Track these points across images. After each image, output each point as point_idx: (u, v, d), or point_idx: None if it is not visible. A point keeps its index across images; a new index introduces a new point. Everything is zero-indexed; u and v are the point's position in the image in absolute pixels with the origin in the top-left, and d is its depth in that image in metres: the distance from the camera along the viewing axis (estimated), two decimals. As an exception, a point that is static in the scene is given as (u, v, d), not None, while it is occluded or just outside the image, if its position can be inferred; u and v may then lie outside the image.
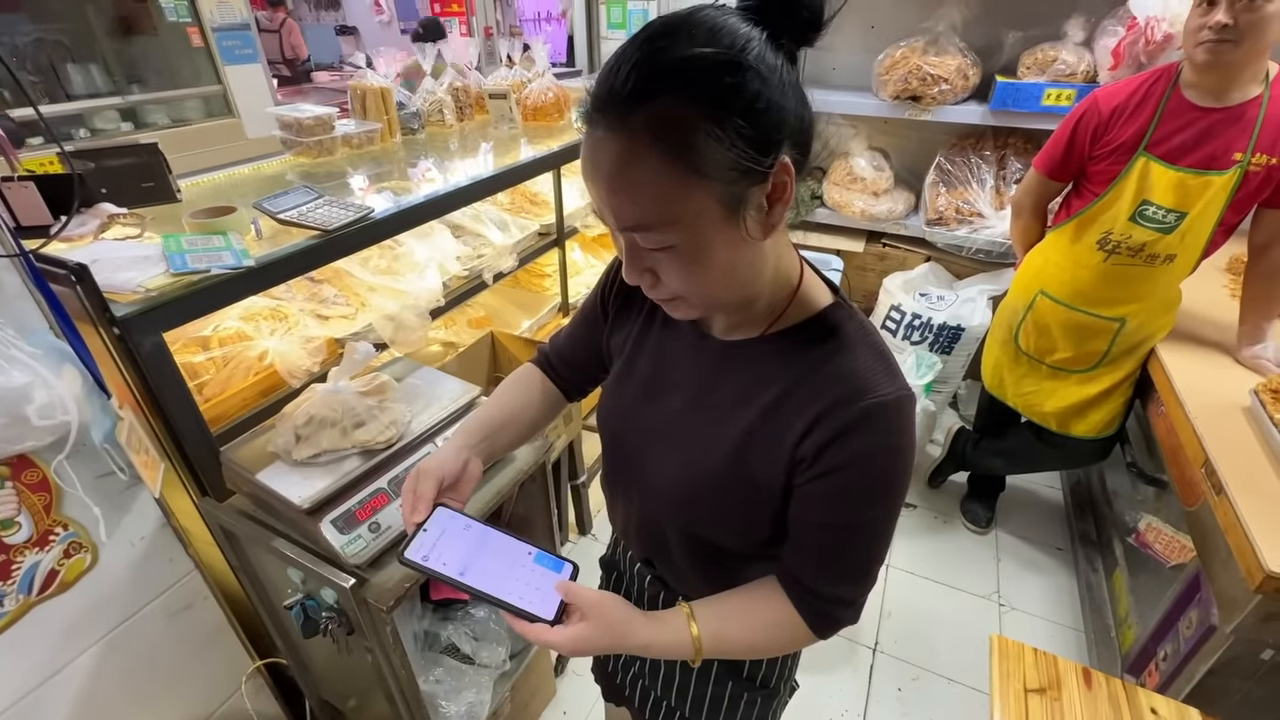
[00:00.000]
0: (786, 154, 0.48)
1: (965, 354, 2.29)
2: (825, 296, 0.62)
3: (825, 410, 0.55)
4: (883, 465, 0.57)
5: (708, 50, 0.44)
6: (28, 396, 0.73)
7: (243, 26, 3.51)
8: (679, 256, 0.50)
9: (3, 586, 0.83)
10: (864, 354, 0.58)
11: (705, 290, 0.53)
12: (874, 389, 0.55)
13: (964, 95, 2.19)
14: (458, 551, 0.60)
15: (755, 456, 0.60)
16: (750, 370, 0.62)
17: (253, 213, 1.24)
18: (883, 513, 0.59)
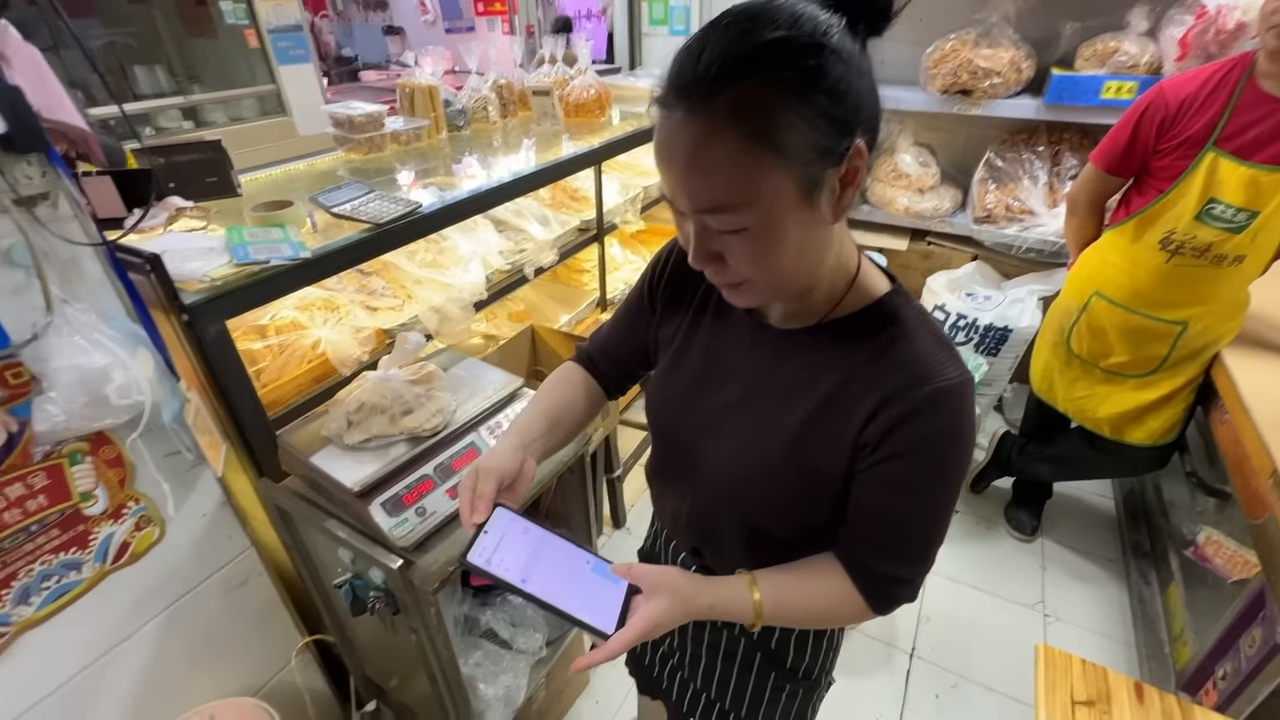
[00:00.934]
0: (861, 138, 0.49)
1: (1012, 356, 2.22)
2: (883, 284, 0.62)
3: (889, 396, 0.56)
4: (946, 449, 0.57)
5: (792, 33, 0.45)
6: (107, 377, 0.78)
7: (295, 28, 3.63)
8: (751, 239, 0.51)
9: (82, 555, 0.88)
10: (925, 339, 0.58)
11: (773, 274, 0.54)
12: (939, 374, 0.56)
13: (1017, 89, 2.11)
14: (518, 556, 0.59)
15: (815, 444, 0.60)
16: (809, 358, 0.62)
17: (309, 206, 1.29)
18: (944, 496, 0.60)
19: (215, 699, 1.12)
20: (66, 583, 0.88)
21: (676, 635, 0.87)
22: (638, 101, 2.47)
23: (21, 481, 0.80)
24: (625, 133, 1.96)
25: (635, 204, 2.10)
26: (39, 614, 0.86)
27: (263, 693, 1.20)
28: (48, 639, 0.88)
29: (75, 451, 0.85)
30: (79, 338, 0.78)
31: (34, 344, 0.76)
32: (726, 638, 0.80)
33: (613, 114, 2.22)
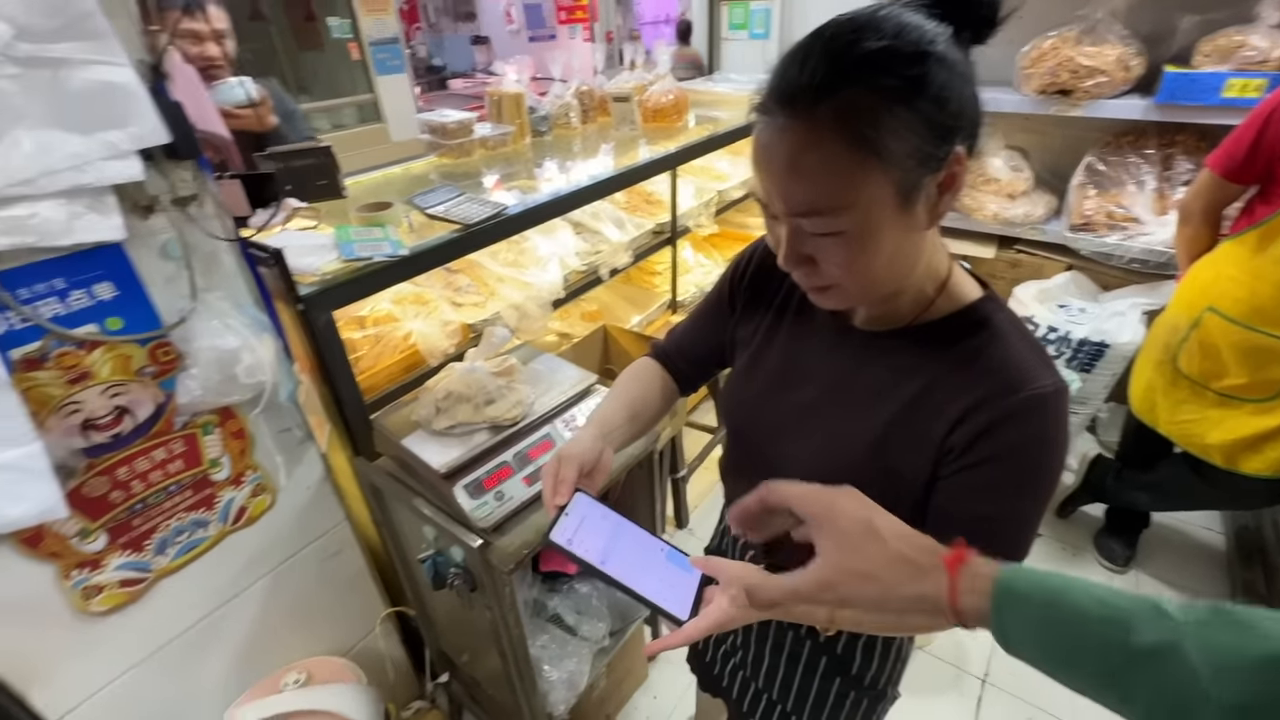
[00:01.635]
0: (961, 144, 0.50)
1: (1109, 373, 2.07)
2: (975, 290, 0.62)
3: (980, 400, 0.56)
4: (1038, 457, 0.56)
5: (896, 42, 0.47)
6: (238, 358, 0.88)
7: (393, 40, 3.87)
8: (846, 242, 0.52)
9: (208, 515, 1.00)
10: (1019, 345, 0.58)
11: (864, 278, 0.55)
12: (1033, 380, 0.55)
13: (1124, 88, 1.98)
14: (598, 539, 0.60)
15: (898, 447, 0.60)
16: (894, 361, 0.62)
17: (405, 208, 1.38)
18: (1032, 505, 0.58)
19: (308, 657, 1.22)
20: (195, 539, 1.00)
21: (741, 633, 0.88)
22: (715, 106, 2.48)
23: (164, 446, 0.92)
24: (701, 137, 1.98)
25: (709, 208, 2.12)
26: (173, 564, 0.98)
27: (350, 655, 1.30)
28: (179, 588, 1.00)
29: (207, 423, 0.96)
30: (216, 322, 0.88)
31: (181, 327, 0.87)
32: (792, 638, 0.80)
33: (689, 118, 2.25)
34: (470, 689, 1.47)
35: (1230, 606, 0.34)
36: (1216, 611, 0.33)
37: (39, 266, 0.75)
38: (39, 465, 0.74)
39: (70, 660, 0.91)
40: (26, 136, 0.68)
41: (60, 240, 0.74)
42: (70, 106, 0.70)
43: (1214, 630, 0.32)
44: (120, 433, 0.87)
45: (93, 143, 0.72)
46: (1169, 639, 0.33)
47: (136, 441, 0.89)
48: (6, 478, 0.72)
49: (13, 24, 0.65)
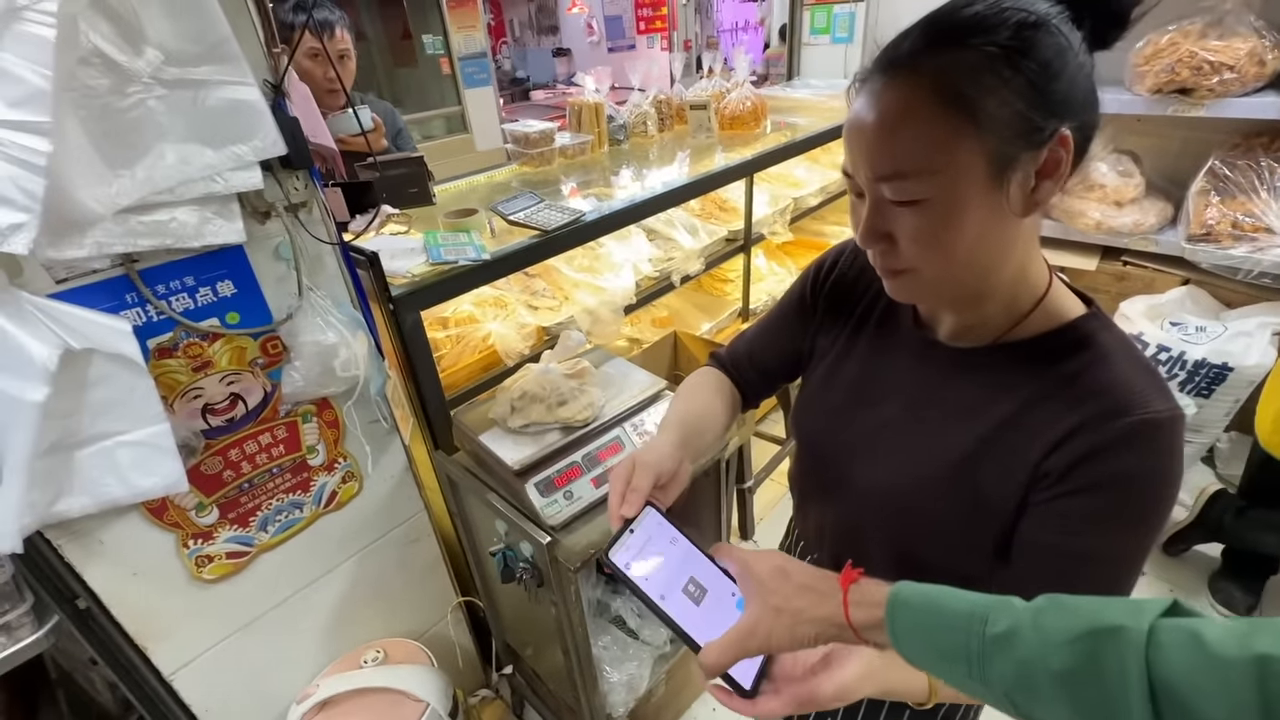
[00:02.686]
0: (1068, 128, 0.47)
1: (1231, 399, 1.87)
2: (1078, 307, 0.57)
3: (1083, 423, 0.51)
4: (1144, 490, 0.51)
5: (1004, 8, 0.46)
6: (336, 353, 0.95)
7: (481, 55, 4.06)
8: (928, 214, 0.49)
9: (303, 497, 1.08)
10: (1127, 365, 0.53)
11: (943, 259, 0.51)
12: (1145, 404, 0.50)
13: (1257, 85, 1.79)
14: (662, 569, 0.55)
15: (987, 470, 0.56)
16: (985, 378, 0.58)
17: (488, 214, 1.45)
18: (1135, 542, 0.53)
19: (386, 637, 1.29)
20: (292, 519, 1.08)
21: None
22: (794, 112, 2.44)
23: (270, 432, 1.00)
24: (778, 144, 1.95)
25: (784, 215, 2.09)
26: (272, 540, 1.06)
27: (422, 639, 1.36)
28: (277, 562, 1.08)
29: (306, 412, 1.04)
30: (318, 319, 0.95)
31: (288, 322, 0.94)
32: None
33: (766, 125, 2.23)
34: (532, 683, 1.50)
35: (1065, 596, 0.39)
36: (1051, 599, 0.39)
37: (173, 265, 0.85)
38: (167, 443, 0.83)
39: (183, 622, 1.00)
40: (170, 150, 0.77)
41: (192, 242, 0.82)
42: (206, 123, 0.79)
43: (1047, 614, 0.38)
44: (234, 417, 0.96)
45: (223, 155, 0.80)
46: (1013, 624, 0.38)
47: (247, 426, 0.98)
48: (141, 453, 0.81)
49: (162, 50, 0.74)
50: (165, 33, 0.73)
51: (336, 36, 1.79)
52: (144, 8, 0.71)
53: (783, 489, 2.22)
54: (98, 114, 0.71)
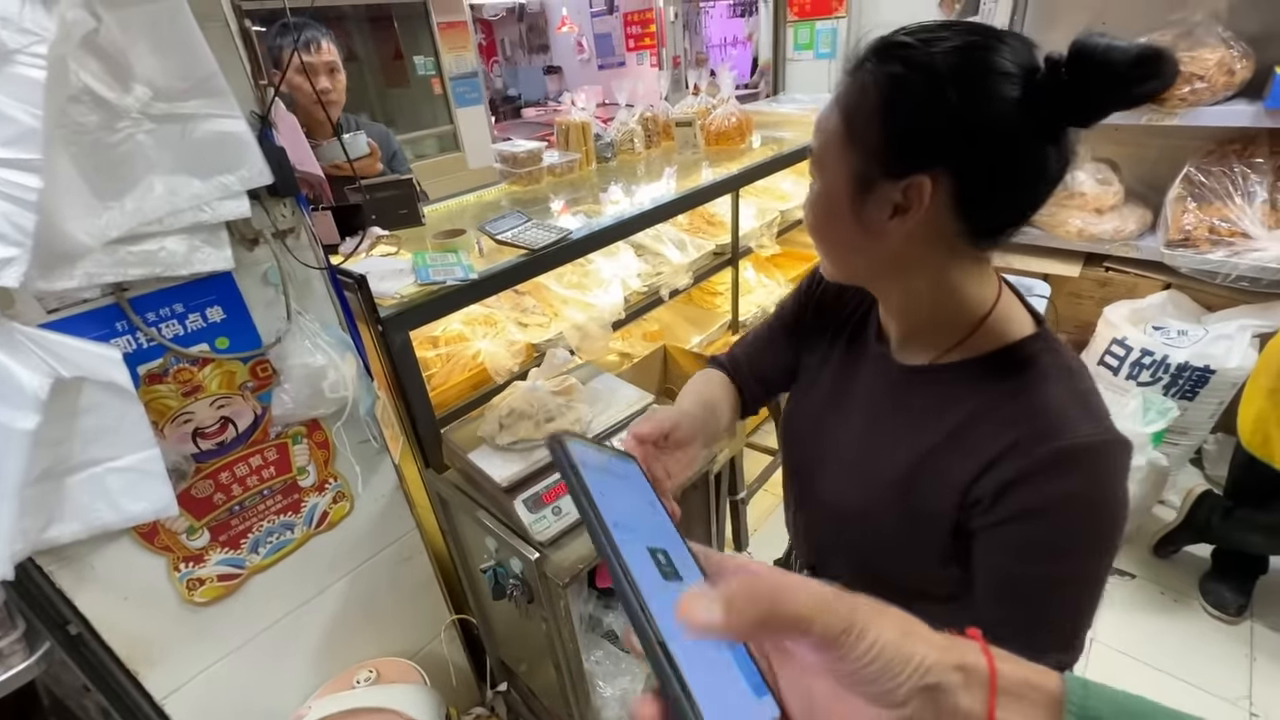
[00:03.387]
0: (928, 176, 0.50)
1: (1215, 401, 1.90)
2: (1026, 327, 0.58)
3: (1008, 448, 0.52)
4: (1078, 518, 0.51)
5: (915, 44, 0.49)
6: (324, 375, 0.96)
7: (472, 74, 4.12)
8: (818, 202, 0.58)
9: (295, 518, 1.09)
10: (1061, 390, 0.53)
11: (823, 248, 0.61)
12: (1072, 429, 0.50)
13: (1227, 93, 1.83)
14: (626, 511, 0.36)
15: (923, 487, 0.58)
16: (930, 395, 0.60)
17: (477, 234, 1.47)
18: (1079, 569, 0.53)
19: (379, 656, 1.29)
20: (283, 540, 1.09)
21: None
22: (779, 127, 2.48)
23: (260, 454, 1.01)
24: (763, 159, 1.99)
25: (771, 228, 2.12)
26: (264, 562, 1.07)
27: (415, 658, 1.36)
28: (268, 584, 1.09)
29: (297, 433, 1.05)
30: (306, 342, 0.97)
31: (277, 346, 0.96)
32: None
33: (753, 140, 2.26)
34: (527, 700, 1.50)
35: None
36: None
37: (163, 293, 0.86)
38: (157, 468, 0.84)
39: (175, 645, 1.01)
40: (159, 181, 0.79)
41: (181, 270, 0.84)
42: (193, 154, 0.81)
43: None
44: (224, 441, 0.97)
45: (210, 185, 0.82)
46: None
47: (237, 449, 0.99)
48: (131, 478, 0.82)
49: (151, 86, 0.76)
50: (153, 70, 0.76)
51: (323, 49, 1.84)
52: (132, 46, 0.74)
53: (776, 499, 2.23)
54: (88, 149, 0.73)
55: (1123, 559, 1.92)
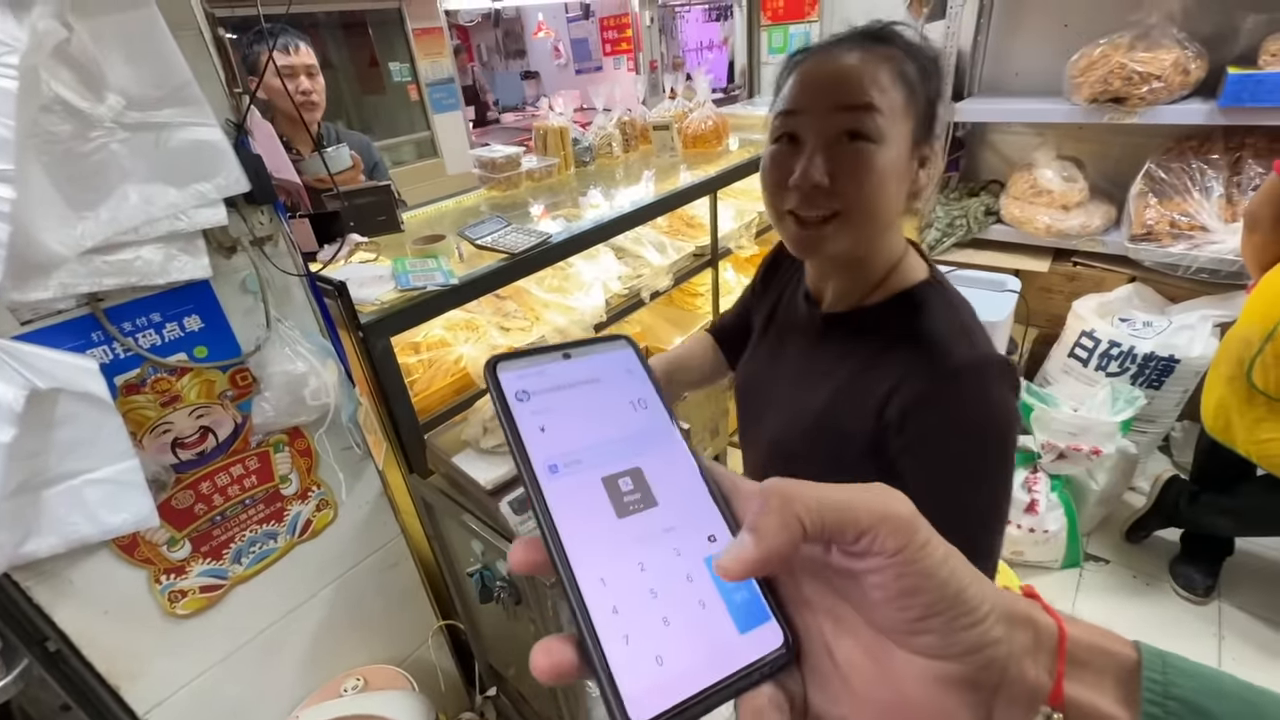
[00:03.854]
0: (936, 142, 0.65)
1: (1180, 389, 1.96)
2: (921, 273, 0.70)
3: (905, 374, 0.62)
4: (970, 427, 0.60)
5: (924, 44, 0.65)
6: (305, 382, 0.96)
7: (448, 80, 4.11)
8: (876, 154, 0.60)
9: (278, 527, 1.08)
10: (942, 324, 0.64)
11: (870, 200, 0.61)
12: (949, 354, 0.61)
13: (1183, 93, 1.90)
14: (584, 429, 0.29)
15: (843, 410, 0.68)
16: (847, 336, 0.71)
17: (457, 239, 1.47)
18: (984, 476, 0.61)
19: (366, 664, 1.29)
20: (266, 549, 1.08)
21: None
22: (756, 129, 2.52)
23: (241, 463, 1.01)
24: (741, 160, 2.01)
25: (750, 229, 2.14)
26: (247, 572, 1.06)
27: (403, 665, 1.36)
28: (252, 594, 1.08)
29: (278, 442, 1.05)
30: (287, 349, 0.97)
31: (257, 354, 0.96)
32: None
33: (730, 142, 2.29)
34: (517, 704, 1.50)
35: None
36: None
37: (140, 303, 0.86)
38: (136, 479, 0.84)
39: (158, 659, 1.00)
40: (133, 190, 0.79)
41: (158, 279, 0.83)
42: (169, 163, 0.80)
43: None
44: (204, 450, 0.96)
45: (187, 194, 0.82)
46: None
47: (218, 459, 0.98)
48: (109, 490, 0.82)
49: (124, 95, 0.76)
50: (126, 79, 0.76)
51: (301, 50, 1.84)
52: (105, 56, 0.74)
53: (761, 497, 2.25)
54: (61, 159, 0.72)
55: (1096, 545, 1.97)
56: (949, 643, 0.22)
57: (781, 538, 0.23)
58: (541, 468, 0.27)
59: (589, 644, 0.24)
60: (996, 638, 0.23)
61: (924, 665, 0.23)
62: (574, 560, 0.25)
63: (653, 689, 0.23)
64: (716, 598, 0.25)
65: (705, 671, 0.24)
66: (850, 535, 0.23)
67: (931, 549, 0.23)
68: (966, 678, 0.22)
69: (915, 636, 0.23)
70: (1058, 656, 0.23)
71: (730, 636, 0.25)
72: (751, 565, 0.23)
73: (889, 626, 0.23)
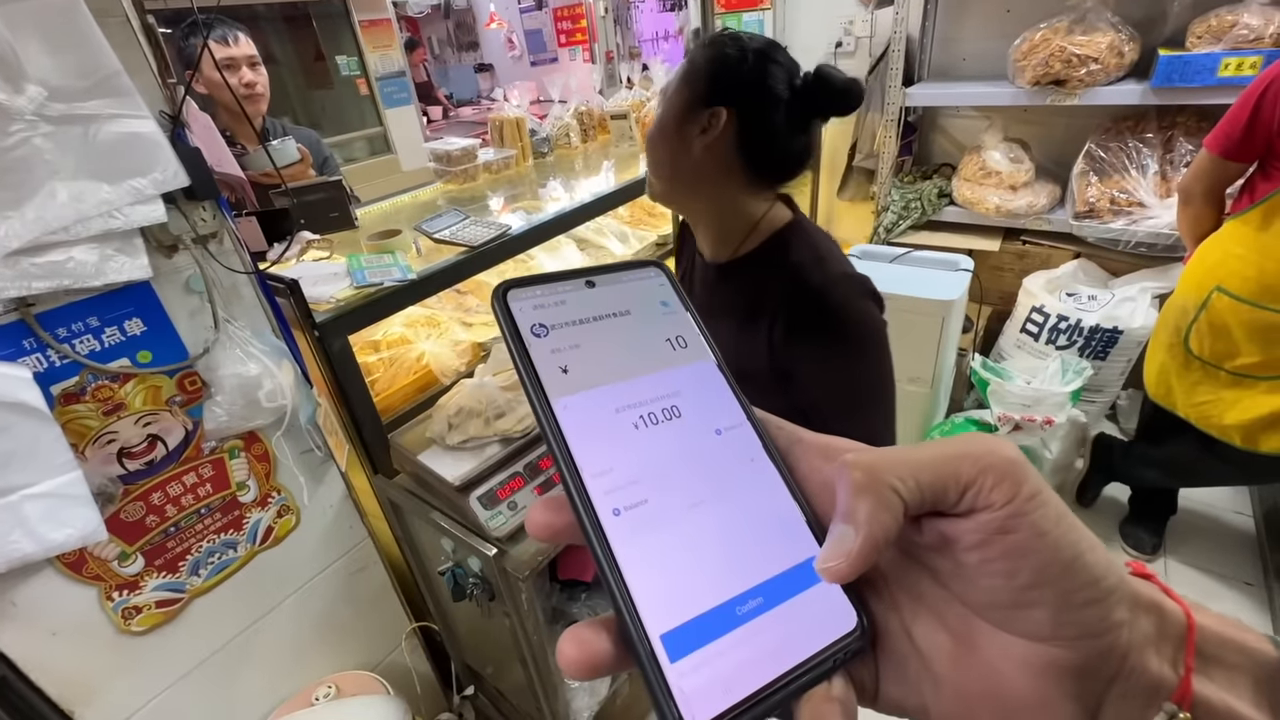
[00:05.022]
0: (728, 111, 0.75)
1: (1124, 359, 2.06)
2: (784, 219, 0.83)
3: (780, 304, 0.76)
4: (842, 334, 0.74)
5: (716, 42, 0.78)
6: (259, 384, 0.93)
7: (399, 74, 4.00)
8: (654, 124, 0.80)
9: (237, 536, 1.04)
10: (802, 254, 0.78)
11: (651, 159, 0.82)
12: (810, 277, 0.76)
13: (1119, 74, 1.98)
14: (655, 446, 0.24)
15: (744, 349, 0.80)
16: (733, 282, 0.85)
17: (413, 234, 1.44)
18: (864, 377, 0.77)
19: (338, 671, 1.26)
20: (225, 559, 1.04)
21: None
22: (712, 117, 2.53)
23: (194, 471, 0.97)
24: (699, 149, 2.02)
25: (711, 217, 2.16)
26: (206, 584, 1.02)
27: (377, 670, 1.33)
28: (212, 607, 1.04)
29: (233, 447, 1.01)
30: (238, 351, 0.93)
31: (205, 357, 0.92)
32: None
33: (688, 131, 2.29)
34: (496, 701, 1.49)
35: None
36: None
37: (75, 306, 0.81)
38: (79, 492, 0.79)
39: (113, 679, 0.95)
40: (61, 187, 0.74)
41: (93, 281, 0.79)
42: (99, 158, 0.76)
43: None
44: (153, 460, 0.92)
45: (120, 190, 0.78)
46: None
47: (168, 468, 0.94)
48: (50, 504, 0.77)
49: (45, 86, 0.71)
50: (47, 68, 0.71)
51: (242, 41, 1.76)
52: (22, 44, 0.69)
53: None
54: (-23, 155, 0.68)
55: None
56: (1062, 622, 0.19)
57: (883, 519, 0.19)
58: (560, 403, 0.23)
59: (631, 629, 0.19)
60: (1120, 620, 0.19)
61: (1026, 649, 0.19)
62: (609, 527, 0.21)
63: (710, 684, 0.19)
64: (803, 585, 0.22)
65: (770, 662, 0.20)
66: (953, 495, 0.20)
67: (1043, 500, 0.19)
68: (1078, 666, 0.19)
69: (1020, 612, 0.19)
70: (1185, 648, 0.20)
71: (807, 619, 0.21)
72: (858, 559, 0.19)
73: (987, 601, 0.20)
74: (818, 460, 0.24)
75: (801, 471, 0.24)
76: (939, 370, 1.98)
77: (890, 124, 2.39)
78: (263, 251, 1.21)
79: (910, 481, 0.20)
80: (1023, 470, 0.19)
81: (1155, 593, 0.21)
